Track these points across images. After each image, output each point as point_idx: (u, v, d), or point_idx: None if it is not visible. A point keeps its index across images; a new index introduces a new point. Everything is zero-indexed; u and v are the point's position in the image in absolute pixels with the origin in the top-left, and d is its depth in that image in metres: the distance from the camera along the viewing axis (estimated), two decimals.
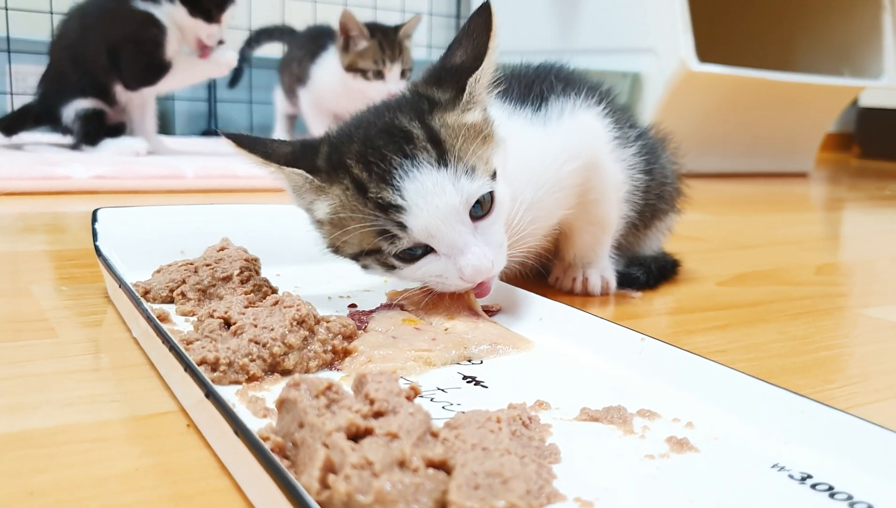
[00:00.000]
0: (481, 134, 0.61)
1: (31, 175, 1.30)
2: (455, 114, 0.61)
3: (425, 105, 0.61)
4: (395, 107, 0.62)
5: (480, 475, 0.33)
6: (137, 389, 0.50)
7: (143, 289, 0.64)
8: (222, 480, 0.39)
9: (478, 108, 0.63)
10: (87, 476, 0.39)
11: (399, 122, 0.60)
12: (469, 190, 0.58)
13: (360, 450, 0.33)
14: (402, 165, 0.57)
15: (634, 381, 0.52)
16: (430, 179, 0.57)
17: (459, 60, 0.63)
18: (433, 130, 0.59)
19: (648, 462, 0.40)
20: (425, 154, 0.58)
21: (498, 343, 0.57)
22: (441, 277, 0.60)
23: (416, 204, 0.56)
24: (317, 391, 0.37)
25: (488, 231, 0.60)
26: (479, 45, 0.62)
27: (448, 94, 0.62)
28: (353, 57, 1.84)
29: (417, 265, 0.60)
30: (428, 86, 0.63)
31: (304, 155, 0.62)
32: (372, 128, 0.61)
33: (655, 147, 0.84)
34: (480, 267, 0.58)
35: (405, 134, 0.59)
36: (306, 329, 0.51)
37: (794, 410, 0.44)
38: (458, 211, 0.57)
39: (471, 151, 0.59)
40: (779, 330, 0.72)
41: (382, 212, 0.57)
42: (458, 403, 0.47)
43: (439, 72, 0.63)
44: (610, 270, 0.81)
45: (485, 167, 0.60)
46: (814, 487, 0.38)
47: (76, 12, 1.73)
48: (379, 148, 0.58)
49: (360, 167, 0.59)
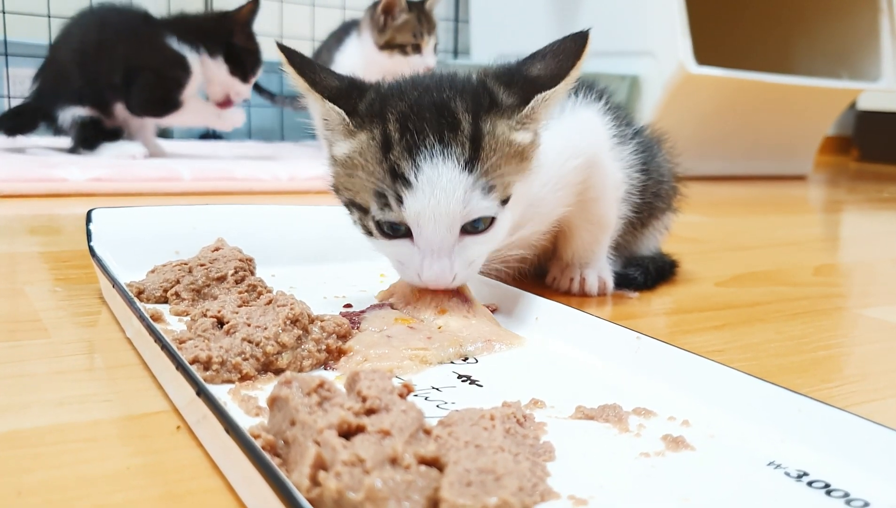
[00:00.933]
0: (521, 157, 0.60)
1: (27, 177, 1.29)
2: (508, 124, 0.59)
3: (486, 101, 0.59)
4: (457, 87, 0.60)
5: (473, 472, 0.32)
6: (130, 389, 0.50)
7: (136, 289, 0.63)
8: (214, 479, 0.39)
9: (531, 129, 0.61)
10: (76, 475, 0.38)
11: (455, 105, 0.58)
12: (475, 207, 0.57)
13: (352, 447, 0.32)
14: (433, 147, 0.56)
15: (630, 380, 0.51)
16: (448, 176, 0.55)
17: (536, 73, 0.61)
18: (480, 130, 0.57)
19: (644, 460, 0.40)
20: (459, 149, 0.56)
21: (492, 340, 0.57)
22: (402, 264, 0.60)
23: (422, 189, 0.55)
24: (308, 388, 0.37)
25: (469, 248, 0.59)
26: (562, 67, 0.60)
27: (511, 100, 0.60)
28: (391, 33, 1.84)
29: (391, 242, 0.59)
30: (497, 82, 0.61)
31: (350, 94, 0.60)
32: (427, 96, 0.58)
33: (652, 146, 0.84)
34: (438, 280, 0.58)
35: (454, 120, 0.57)
36: (300, 328, 0.50)
37: (790, 408, 0.44)
38: (454, 219, 0.57)
39: (500, 170, 0.58)
40: (777, 330, 0.71)
41: (391, 177, 0.56)
42: (453, 402, 0.47)
43: (513, 74, 0.61)
44: (607, 270, 0.81)
45: (502, 192, 0.59)
46: (810, 485, 0.38)
47: (93, 22, 1.70)
48: (424, 118, 0.56)
49: (396, 126, 0.57)
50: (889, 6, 2.24)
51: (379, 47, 1.86)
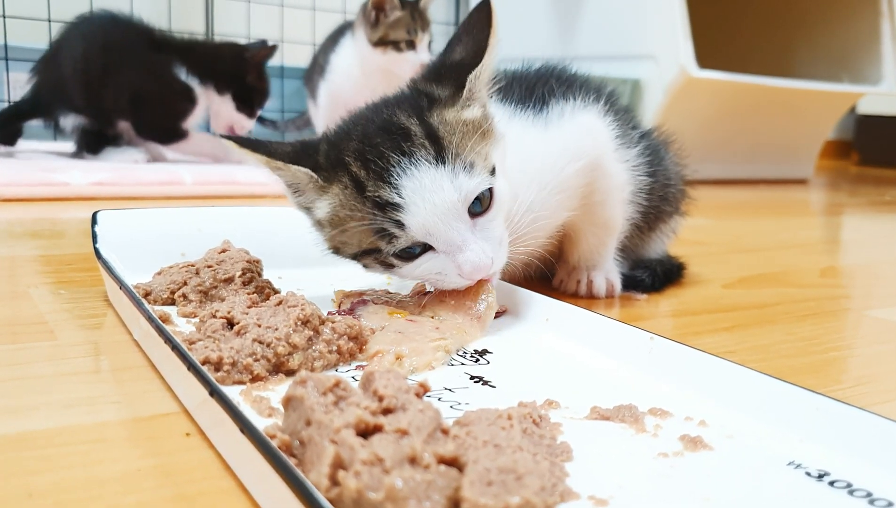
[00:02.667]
0: (480, 130, 0.60)
1: (29, 181, 1.29)
2: (454, 110, 0.60)
3: (424, 102, 0.61)
4: (393, 104, 0.62)
5: (493, 471, 0.32)
6: (138, 391, 0.49)
7: (143, 291, 0.63)
8: (226, 480, 0.38)
9: (477, 104, 0.62)
10: (86, 477, 0.38)
11: (397, 119, 0.59)
12: (468, 187, 0.57)
13: (370, 447, 0.32)
14: (399, 163, 0.56)
15: (644, 380, 0.51)
16: (428, 177, 0.56)
17: (459, 57, 0.63)
18: (431, 126, 0.59)
19: (662, 460, 0.40)
20: (423, 151, 0.57)
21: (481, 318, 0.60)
22: (440, 274, 0.59)
23: (413, 202, 0.56)
24: (324, 388, 0.36)
25: (487, 227, 0.59)
26: (479, 41, 0.62)
27: (447, 90, 0.61)
28: (384, 30, 1.84)
29: (416, 264, 0.59)
30: (427, 82, 0.62)
31: (306, 153, 0.61)
32: (370, 125, 0.60)
33: (659, 148, 0.84)
34: (479, 264, 0.57)
35: (403, 131, 0.58)
36: (311, 329, 0.50)
37: (808, 408, 0.43)
38: (457, 208, 0.57)
39: (469, 147, 0.59)
40: (786, 331, 0.71)
41: (380, 210, 0.57)
42: (467, 402, 0.46)
43: (439, 68, 0.63)
44: (615, 272, 0.81)
45: (484, 163, 0.59)
46: (832, 484, 0.38)
47: (97, 36, 1.66)
48: (377, 145, 0.58)
49: (357, 165, 0.58)
50: (890, 10, 2.24)
51: (373, 44, 1.85)
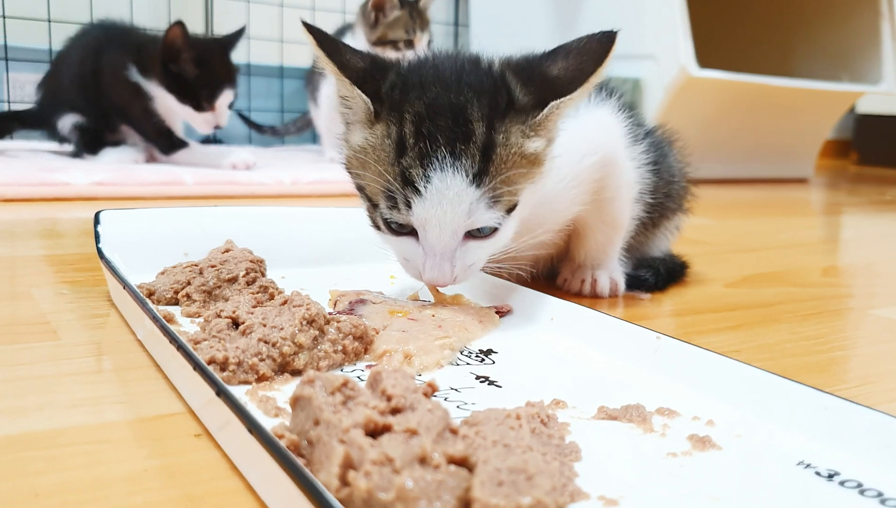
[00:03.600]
0: (533, 163, 0.59)
1: (29, 181, 1.29)
2: (522, 131, 0.58)
3: (503, 101, 0.58)
4: (476, 86, 0.58)
5: (504, 471, 0.32)
6: (142, 391, 0.49)
7: (147, 291, 0.63)
8: (233, 481, 0.38)
9: (544, 136, 0.60)
10: (92, 477, 0.38)
11: (471, 110, 0.56)
12: (479, 218, 0.57)
13: (380, 447, 0.32)
14: (444, 158, 0.55)
15: (651, 380, 0.51)
16: (455, 189, 0.56)
17: (556, 73, 0.59)
18: (493, 140, 0.56)
19: (671, 459, 0.39)
20: (469, 162, 0.56)
21: (482, 321, 0.60)
22: (407, 261, 0.61)
23: (430, 198, 0.56)
24: (332, 387, 0.36)
25: (472, 252, 0.59)
26: (582, 71, 0.58)
27: (527, 100, 0.58)
28: (383, 30, 1.84)
29: (398, 239, 0.60)
30: (516, 77, 0.59)
31: (372, 76, 0.59)
32: (445, 96, 0.57)
33: (663, 145, 0.84)
34: (438, 279, 0.59)
35: (467, 130, 0.56)
36: (316, 329, 0.50)
37: (816, 407, 0.43)
38: (458, 227, 0.57)
39: (508, 181, 0.57)
40: (790, 331, 0.71)
41: (402, 182, 0.56)
42: (473, 402, 0.46)
43: (533, 71, 0.59)
44: (619, 272, 0.80)
45: (508, 201, 0.58)
46: (842, 484, 0.37)
47: (91, 45, 1.64)
48: (438, 126, 0.56)
49: (411, 129, 0.56)
50: (889, 9, 2.24)
51: (371, 44, 1.85)
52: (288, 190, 1.48)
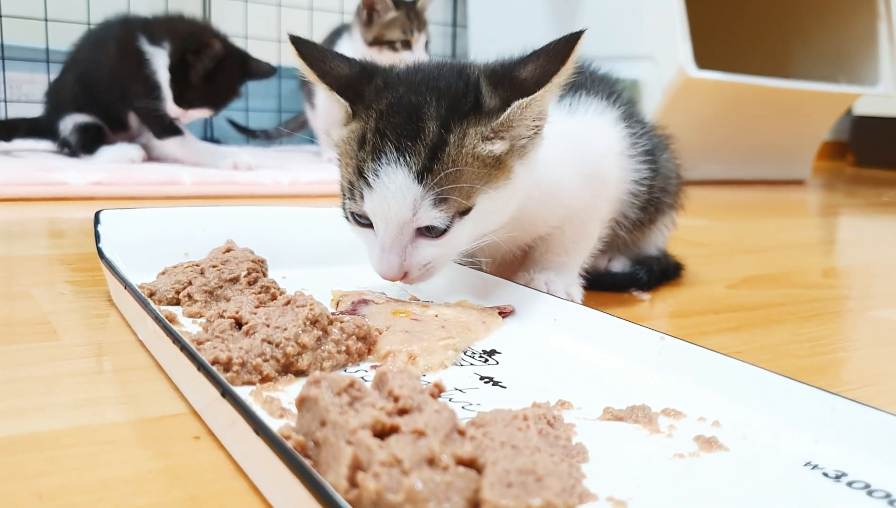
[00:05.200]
0: (491, 169, 0.58)
1: (27, 181, 1.28)
2: (482, 133, 0.58)
3: (468, 104, 0.58)
4: (442, 88, 0.59)
5: (513, 472, 0.31)
6: (144, 391, 0.49)
7: (148, 291, 0.62)
8: (238, 482, 0.38)
9: (507, 138, 0.59)
10: (96, 479, 0.37)
11: (427, 109, 0.58)
12: (424, 215, 0.58)
13: (388, 448, 0.31)
14: (391, 153, 0.57)
15: (655, 380, 0.51)
16: (398, 184, 0.57)
17: (524, 76, 0.59)
18: (444, 140, 0.57)
19: (678, 461, 0.39)
20: (414, 159, 0.57)
21: (484, 321, 0.60)
22: (367, 252, 0.63)
23: (378, 190, 0.58)
24: (338, 388, 0.36)
25: (423, 250, 0.60)
26: (546, 71, 0.58)
27: (494, 102, 0.59)
28: (379, 29, 1.83)
29: (359, 229, 0.62)
30: (488, 81, 0.60)
31: (359, 81, 0.62)
32: (408, 95, 0.59)
33: (659, 142, 0.84)
34: (387, 273, 0.60)
35: (419, 128, 0.57)
36: (319, 329, 0.49)
37: (822, 407, 0.43)
38: (403, 221, 0.58)
39: (458, 181, 0.57)
40: (792, 332, 0.71)
41: (358, 174, 0.59)
42: (478, 403, 0.46)
43: (504, 74, 0.60)
44: (576, 286, 0.75)
45: (459, 203, 0.58)
46: (850, 485, 0.37)
47: (95, 41, 1.65)
48: (393, 123, 0.58)
49: (372, 124, 0.59)
50: (887, 12, 2.25)
51: (368, 44, 1.85)
52: (286, 190, 1.47)
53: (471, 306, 0.63)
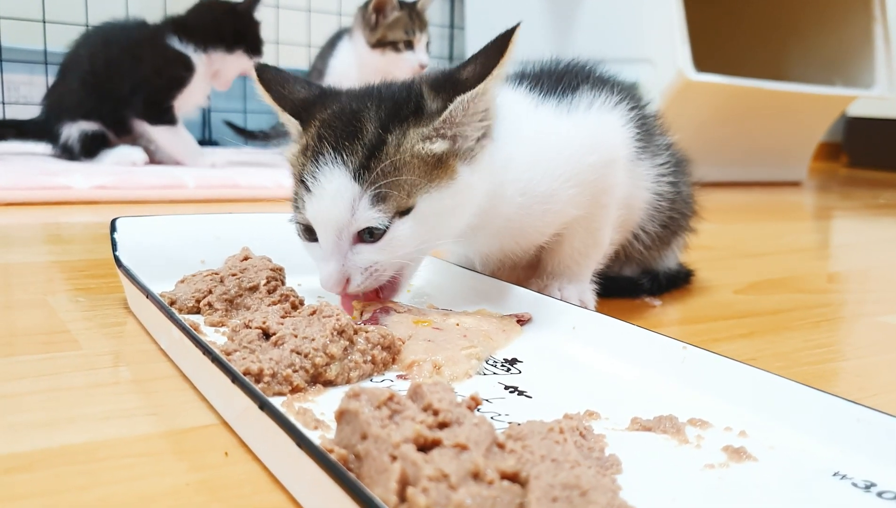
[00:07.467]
0: (432, 168, 0.59)
1: (29, 185, 1.28)
2: (422, 133, 0.59)
3: (409, 109, 0.60)
4: (384, 96, 0.61)
5: (557, 487, 0.32)
6: (173, 402, 0.49)
7: (168, 299, 0.62)
8: (276, 494, 0.38)
9: (450, 137, 0.60)
10: (135, 492, 0.38)
11: (366, 114, 0.60)
12: (361, 216, 0.58)
13: (434, 462, 0.32)
14: (329, 153, 0.58)
15: (678, 390, 0.51)
16: (336, 184, 0.58)
17: (465, 76, 0.60)
18: (382, 141, 0.58)
19: (709, 471, 0.40)
20: (351, 159, 0.58)
21: (504, 330, 0.60)
22: (316, 266, 0.62)
23: (317, 193, 0.58)
24: (378, 401, 0.36)
25: (361, 255, 0.59)
26: (484, 67, 0.59)
27: (435, 105, 0.60)
28: (382, 31, 1.86)
29: (308, 244, 0.62)
30: (430, 88, 0.61)
31: (313, 104, 0.63)
32: (351, 104, 0.61)
33: (681, 161, 0.84)
34: (327, 283, 0.60)
35: (357, 129, 0.59)
36: (346, 339, 0.50)
37: (848, 418, 0.43)
38: (342, 226, 0.58)
39: (398, 181, 0.57)
40: (803, 338, 0.71)
41: (299, 181, 0.60)
42: (506, 413, 0.46)
43: (446, 79, 0.61)
44: (589, 292, 0.75)
45: (398, 202, 0.58)
46: (880, 495, 0.38)
47: (98, 41, 1.66)
48: (333, 127, 0.59)
49: (312, 133, 0.61)
50: (882, 14, 2.27)
51: (371, 46, 1.86)
52: (287, 192, 1.47)
53: (490, 315, 0.63)
